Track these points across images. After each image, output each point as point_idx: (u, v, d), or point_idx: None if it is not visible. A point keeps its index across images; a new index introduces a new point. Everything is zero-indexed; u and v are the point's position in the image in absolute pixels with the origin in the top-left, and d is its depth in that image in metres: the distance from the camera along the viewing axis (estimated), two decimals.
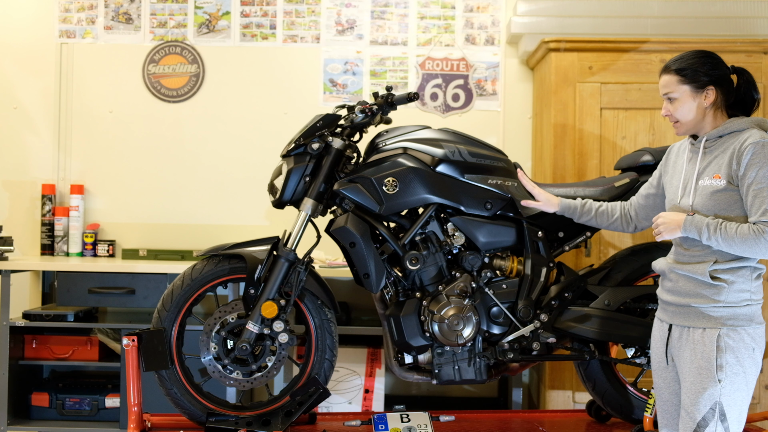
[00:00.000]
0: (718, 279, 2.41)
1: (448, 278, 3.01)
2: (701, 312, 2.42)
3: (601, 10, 3.95)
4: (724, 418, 2.37)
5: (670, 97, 2.52)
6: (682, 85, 2.50)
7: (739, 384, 2.38)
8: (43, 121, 4.32)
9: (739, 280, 2.41)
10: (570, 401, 3.71)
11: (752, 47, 3.66)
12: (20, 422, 3.85)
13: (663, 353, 2.55)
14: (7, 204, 4.32)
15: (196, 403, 3.03)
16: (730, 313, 2.40)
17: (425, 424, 3.04)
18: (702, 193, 2.45)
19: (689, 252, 2.47)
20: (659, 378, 2.59)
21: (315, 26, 4.31)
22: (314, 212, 2.99)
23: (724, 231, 2.36)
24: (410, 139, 3.04)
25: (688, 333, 2.45)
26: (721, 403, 2.37)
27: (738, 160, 2.39)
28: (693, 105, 2.49)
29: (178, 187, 4.30)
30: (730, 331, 2.38)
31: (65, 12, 4.33)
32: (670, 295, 2.52)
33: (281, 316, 2.96)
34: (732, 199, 2.41)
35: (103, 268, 3.84)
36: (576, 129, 3.71)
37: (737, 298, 2.40)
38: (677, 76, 2.51)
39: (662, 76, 2.55)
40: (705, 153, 2.50)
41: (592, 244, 3.62)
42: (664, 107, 2.55)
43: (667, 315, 2.54)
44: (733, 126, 2.47)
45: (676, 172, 2.60)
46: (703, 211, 2.44)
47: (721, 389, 2.37)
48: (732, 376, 2.37)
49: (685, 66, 2.50)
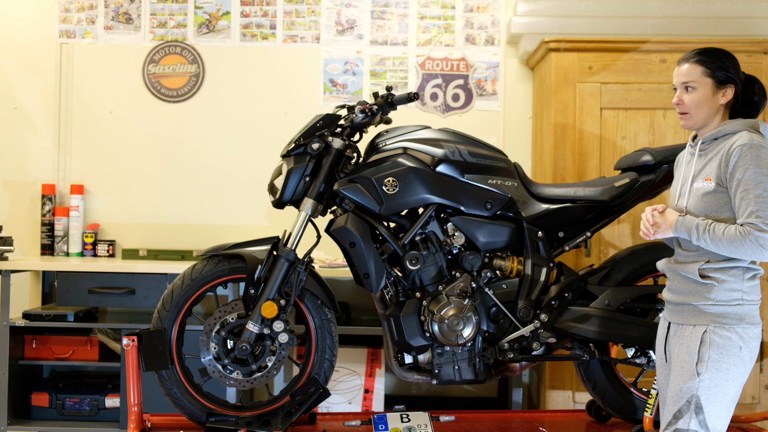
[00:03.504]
0: (708, 277, 2.43)
1: (448, 278, 3.01)
2: (695, 309, 2.45)
3: (601, 10, 3.95)
4: (700, 411, 2.38)
5: (689, 86, 2.50)
6: (706, 77, 2.49)
7: (719, 380, 2.39)
8: (43, 121, 4.32)
9: (729, 279, 2.42)
10: (570, 401, 3.71)
11: (752, 47, 3.66)
12: (20, 422, 3.85)
13: (662, 350, 2.58)
14: (7, 204, 4.32)
15: (196, 403, 3.03)
16: (720, 311, 2.42)
17: (425, 424, 3.04)
18: (695, 195, 2.48)
19: (686, 252, 2.51)
20: (661, 375, 2.62)
21: (315, 26, 4.31)
22: (314, 212, 2.99)
23: (712, 232, 2.38)
24: (410, 139, 3.04)
25: (681, 330, 2.49)
26: (698, 396, 2.38)
27: (727, 162, 2.41)
28: (710, 100, 2.49)
29: (178, 187, 4.30)
30: (718, 328, 2.41)
31: (65, 12, 4.33)
32: (669, 294, 2.57)
33: (281, 316, 2.95)
34: (721, 201, 2.43)
35: (103, 268, 3.84)
36: (576, 129, 3.71)
37: (728, 297, 2.42)
38: (702, 67, 2.49)
39: (683, 65, 2.52)
40: (700, 155, 2.53)
41: (592, 244, 3.63)
42: (677, 96, 2.53)
43: (668, 313, 2.58)
44: (727, 128, 2.48)
45: (679, 176, 2.63)
46: (695, 213, 2.46)
47: (700, 383, 2.39)
48: (713, 372, 2.38)
49: (712, 59, 2.49)
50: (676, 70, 2.56)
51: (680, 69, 2.54)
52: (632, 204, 3.12)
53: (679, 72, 2.53)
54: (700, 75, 2.49)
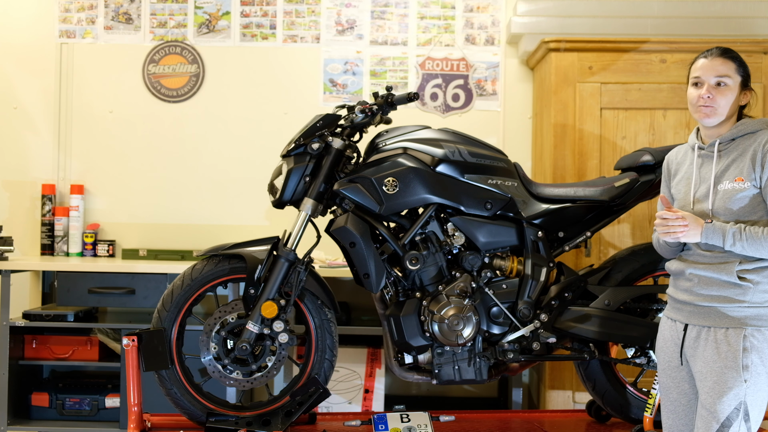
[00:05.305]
0: (744, 279, 2.39)
1: (448, 278, 3.01)
2: (724, 312, 2.40)
3: (601, 10, 3.95)
4: (748, 418, 2.36)
5: (723, 82, 2.46)
6: (738, 75, 2.47)
7: (762, 384, 2.37)
8: (43, 121, 4.32)
9: (764, 280, 2.39)
10: (570, 401, 3.71)
11: (752, 47, 3.66)
12: (20, 422, 3.85)
13: (676, 353, 2.51)
14: (7, 204, 4.32)
15: (196, 403, 3.03)
16: (755, 313, 2.38)
17: (425, 424, 3.04)
18: (723, 196, 2.43)
19: (711, 253, 2.44)
20: (668, 378, 2.55)
21: (315, 26, 4.31)
22: (314, 212, 2.99)
23: (750, 236, 2.34)
24: (410, 139, 3.04)
25: (708, 333, 2.42)
26: (745, 402, 2.35)
27: (762, 162, 2.38)
28: (735, 98, 2.47)
29: (178, 187, 4.30)
30: (755, 331, 2.37)
31: (65, 12, 4.33)
32: (687, 295, 2.48)
33: (281, 316, 2.95)
34: (755, 202, 2.40)
35: (103, 268, 3.84)
36: (576, 129, 3.71)
37: (762, 299, 2.38)
38: (736, 64, 2.47)
39: (717, 59, 2.47)
40: (720, 156, 2.48)
41: (592, 244, 3.62)
42: (706, 89, 2.45)
43: (683, 315, 2.50)
44: (746, 128, 2.46)
45: (683, 179, 2.57)
46: (724, 215, 2.42)
47: (746, 389, 2.35)
48: (756, 377, 2.36)
49: (741, 59, 2.49)
50: (705, 63, 2.48)
51: (712, 63, 2.47)
52: (632, 204, 3.13)
53: (712, 66, 2.47)
54: (735, 72, 2.46)
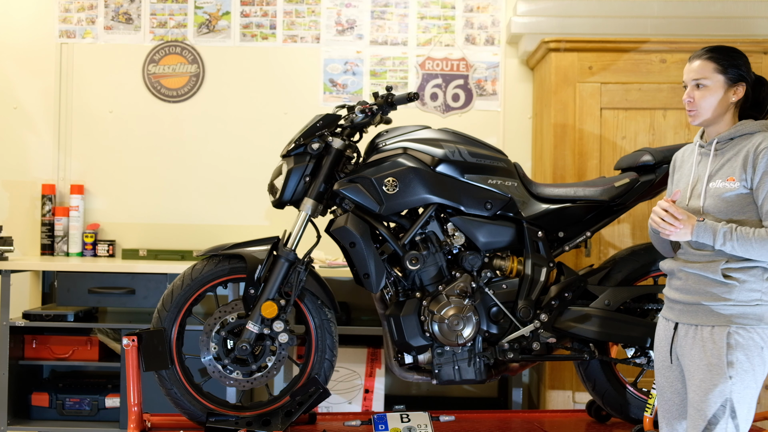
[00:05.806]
0: (730, 277, 2.40)
1: (448, 278, 3.01)
2: (711, 310, 2.42)
3: (601, 10, 3.95)
4: (735, 415, 2.36)
5: (701, 83, 2.48)
6: (718, 74, 2.47)
7: (749, 382, 2.37)
8: (43, 121, 4.32)
9: (750, 279, 2.40)
10: (570, 401, 3.71)
11: (752, 47, 3.66)
12: (20, 422, 3.85)
13: (667, 352, 2.54)
14: (7, 204, 4.32)
15: (196, 403, 3.03)
16: (740, 311, 2.39)
17: (425, 424, 3.04)
18: (713, 195, 2.44)
19: (700, 252, 2.46)
20: (662, 377, 2.58)
21: (315, 26, 4.31)
22: (314, 212, 2.99)
23: (740, 236, 2.35)
24: (410, 139, 3.04)
25: (695, 331, 2.44)
26: (731, 399, 2.36)
27: (754, 164, 2.39)
28: (721, 97, 2.47)
29: (178, 187, 4.30)
30: (740, 329, 2.38)
31: (65, 12, 4.33)
32: (678, 294, 2.51)
33: (281, 316, 2.95)
34: (745, 202, 2.41)
35: (103, 268, 3.84)
36: (576, 129, 3.71)
37: (748, 297, 2.39)
38: (714, 64, 2.48)
39: (695, 61, 2.50)
40: (716, 155, 2.49)
41: (592, 244, 3.62)
42: (687, 93, 2.51)
43: (674, 313, 2.53)
44: (745, 129, 2.47)
45: (683, 175, 2.60)
46: (714, 213, 2.43)
47: (732, 386, 2.36)
48: (742, 374, 2.37)
49: (724, 57, 2.48)
50: (687, 66, 2.53)
51: (691, 66, 2.51)
52: (632, 204, 3.13)
53: (690, 69, 2.51)
54: (712, 72, 2.47)
